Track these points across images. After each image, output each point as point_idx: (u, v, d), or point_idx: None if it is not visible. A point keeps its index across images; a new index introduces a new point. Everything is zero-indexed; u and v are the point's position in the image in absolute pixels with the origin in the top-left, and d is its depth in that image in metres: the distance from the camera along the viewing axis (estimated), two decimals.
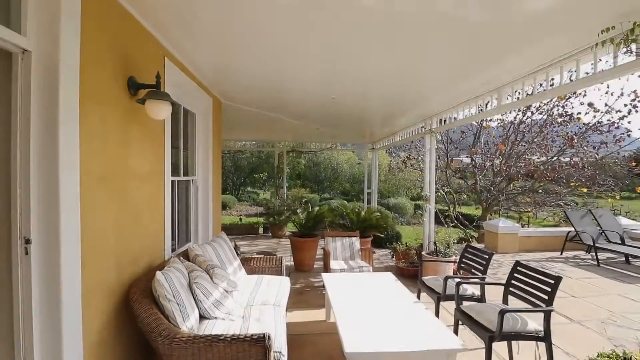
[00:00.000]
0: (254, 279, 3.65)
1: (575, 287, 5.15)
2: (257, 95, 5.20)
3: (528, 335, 2.58)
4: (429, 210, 5.71)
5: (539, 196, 9.58)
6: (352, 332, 2.42)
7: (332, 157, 24.46)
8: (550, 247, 7.71)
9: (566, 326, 3.82)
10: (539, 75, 3.32)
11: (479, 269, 3.48)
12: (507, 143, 8.96)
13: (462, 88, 4.21)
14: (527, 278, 2.88)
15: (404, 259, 5.73)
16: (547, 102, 8.77)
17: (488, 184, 10.10)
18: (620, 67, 2.48)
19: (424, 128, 5.98)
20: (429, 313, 2.77)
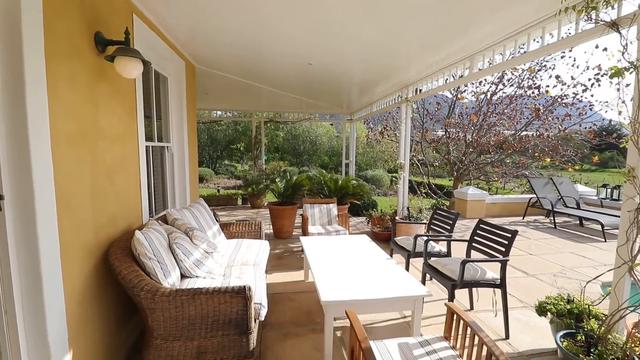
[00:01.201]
0: (234, 243, 3.74)
1: (533, 246, 5.63)
2: (232, 60, 5.05)
3: (486, 283, 2.86)
4: (403, 177, 5.92)
5: (507, 167, 10.10)
6: (328, 284, 2.60)
7: (310, 129, 24.29)
8: (513, 213, 8.28)
9: (522, 279, 4.23)
10: (508, 42, 3.43)
11: (446, 228, 3.74)
12: (480, 114, 9.25)
13: (436, 56, 4.28)
14: (487, 234, 3.14)
15: (379, 225, 6.00)
16: (519, 75, 9.05)
17: (460, 154, 10.49)
18: (581, 34, 2.62)
19: (400, 97, 6.07)
20: (400, 268, 2.99)
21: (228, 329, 2.24)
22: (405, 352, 1.83)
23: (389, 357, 1.78)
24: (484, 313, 3.26)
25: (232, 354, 2.26)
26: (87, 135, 2.18)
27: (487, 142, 9.48)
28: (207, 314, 2.19)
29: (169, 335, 2.18)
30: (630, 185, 2.12)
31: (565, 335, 2.29)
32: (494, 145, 9.59)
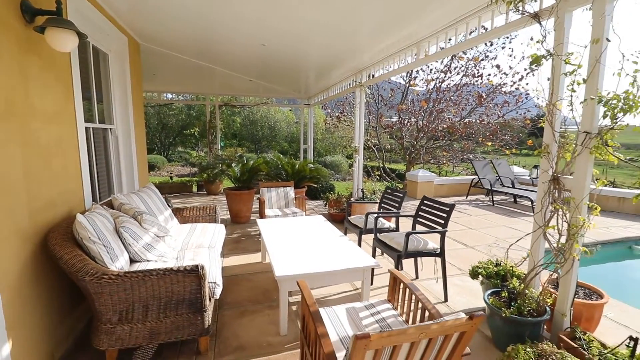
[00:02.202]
0: (188, 227, 3.68)
1: (473, 222, 6.20)
2: (181, 39, 4.81)
3: (428, 253, 3.14)
4: (358, 160, 6.14)
5: (454, 151, 10.84)
6: (283, 261, 2.69)
7: (269, 115, 23.89)
8: (459, 192, 8.97)
9: (462, 250, 4.67)
10: (450, 30, 3.67)
11: (395, 205, 4.00)
12: (430, 101, 9.75)
13: (387, 41, 4.43)
14: (430, 209, 3.42)
15: (336, 207, 6.20)
16: (465, 64, 9.64)
17: (412, 140, 11.04)
18: (510, 24, 2.89)
19: (355, 82, 6.21)
20: (351, 243, 3.16)
21: (182, 308, 2.25)
22: (352, 315, 1.99)
23: (337, 320, 1.93)
24: (427, 281, 3.58)
25: (187, 333, 2.28)
26: (15, 113, 2.00)
27: (436, 127, 10.07)
28: (159, 295, 2.18)
29: (118, 319, 2.14)
30: (545, 160, 2.43)
31: (492, 294, 2.61)
32: (442, 130, 10.22)
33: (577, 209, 2.19)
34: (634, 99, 1.92)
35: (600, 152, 2.08)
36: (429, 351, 1.38)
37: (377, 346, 1.23)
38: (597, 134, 2.10)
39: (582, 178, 2.19)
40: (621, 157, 2.03)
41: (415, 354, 1.36)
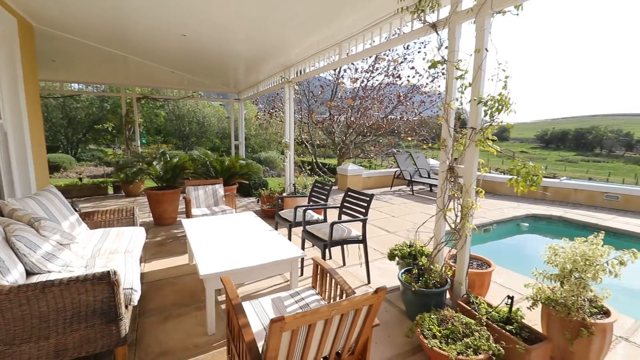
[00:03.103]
0: (100, 232, 3.35)
1: (395, 210, 6.78)
2: (86, 22, 4.29)
3: (352, 240, 3.37)
4: (289, 156, 6.23)
5: (380, 146, 11.64)
6: (209, 259, 2.64)
7: (197, 109, 22.57)
8: (384, 184, 9.68)
9: (384, 236, 5.09)
10: (367, 34, 3.95)
11: (322, 198, 4.18)
12: (357, 99, 10.29)
13: (312, 39, 4.57)
14: (353, 199, 3.67)
15: (268, 202, 6.20)
16: (386, 65, 10.37)
17: (342, 135, 11.54)
18: (415, 31, 3.23)
19: (283, 78, 6.25)
20: (281, 237, 3.23)
21: (93, 319, 2.07)
22: (278, 304, 2.06)
23: (262, 310, 1.98)
24: (353, 266, 3.83)
25: (100, 345, 2.11)
26: None
27: (364, 123, 10.69)
28: (64, 308, 1.98)
29: (14, 339, 1.88)
30: (443, 152, 2.80)
31: (405, 272, 2.93)
32: (369, 126, 10.89)
33: (467, 193, 2.59)
34: (505, 101, 2.33)
35: (483, 145, 2.48)
36: (342, 325, 1.53)
37: (293, 327, 1.32)
38: (480, 129, 2.49)
39: (470, 167, 2.59)
40: (497, 148, 2.45)
41: (330, 329, 1.49)
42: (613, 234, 5.67)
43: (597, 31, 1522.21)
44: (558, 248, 2.24)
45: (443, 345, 2.12)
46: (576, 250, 2.16)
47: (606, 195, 7.11)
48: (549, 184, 7.93)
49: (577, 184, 7.65)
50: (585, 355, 2.12)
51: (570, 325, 2.09)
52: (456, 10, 2.68)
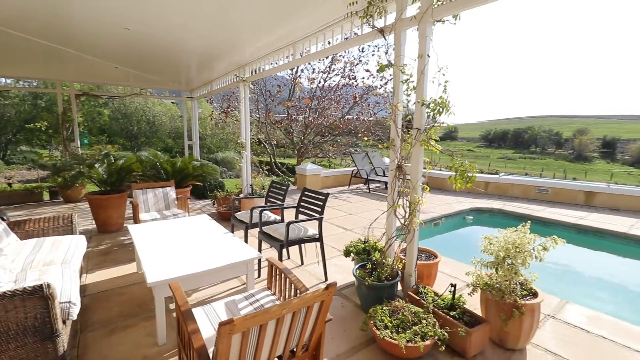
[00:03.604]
0: (32, 242, 3.04)
1: (353, 208, 6.96)
2: (11, 9, 3.84)
3: (309, 239, 3.41)
4: (246, 156, 6.12)
5: (338, 146, 11.86)
6: (158, 266, 2.51)
7: (146, 107, 21.25)
8: (343, 183, 9.88)
9: (342, 234, 5.20)
10: (320, 35, 4.01)
11: (279, 198, 4.18)
12: (314, 99, 10.38)
13: (267, 39, 4.53)
14: (309, 199, 3.71)
15: (225, 204, 6.04)
16: (342, 67, 10.59)
17: (301, 135, 11.58)
18: (365, 35, 3.35)
19: (238, 77, 6.13)
20: (236, 239, 3.17)
21: (25, 338, 1.89)
22: (231, 307, 2.03)
23: (215, 315, 1.94)
24: (311, 265, 3.88)
25: None
26: None
27: (322, 123, 10.82)
28: None
29: None
30: (392, 152, 2.94)
31: (359, 267, 3.04)
32: (327, 126, 11.04)
33: (414, 189, 2.74)
34: (445, 103, 2.51)
35: (427, 145, 2.65)
36: (295, 323, 1.55)
37: (243, 329, 1.32)
38: (424, 130, 2.66)
39: (416, 165, 2.75)
40: (439, 148, 2.63)
41: (282, 328, 1.50)
42: (543, 223, 6.33)
43: (531, 40, 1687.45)
44: (492, 238, 2.47)
45: (394, 335, 2.24)
46: (508, 239, 2.40)
47: (538, 188, 7.91)
48: (491, 179, 8.64)
49: (513, 179, 8.42)
50: (518, 333, 2.36)
51: (505, 308, 2.32)
52: (401, 17, 2.82)
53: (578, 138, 75.02)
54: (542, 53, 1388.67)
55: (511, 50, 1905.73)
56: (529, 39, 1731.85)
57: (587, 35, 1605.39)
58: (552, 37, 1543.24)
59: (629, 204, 6.80)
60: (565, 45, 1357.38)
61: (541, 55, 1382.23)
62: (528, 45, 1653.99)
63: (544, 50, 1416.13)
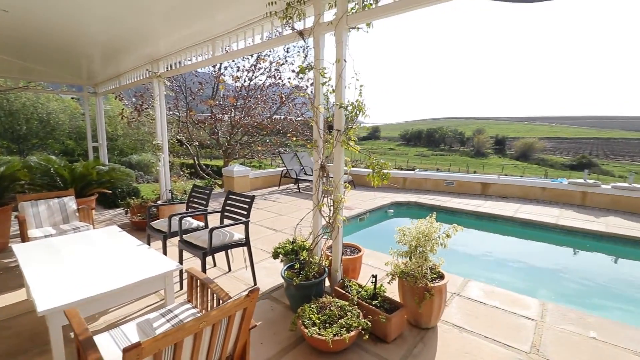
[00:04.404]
0: None
1: (283, 209, 6.95)
2: None
3: (235, 244, 3.29)
4: (163, 159, 5.63)
5: (267, 146, 11.69)
6: (51, 291, 2.15)
7: (38, 103, 18.05)
8: (273, 183, 9.80)
9: (272, 235, 5.16)
10: (240, 33, 3.89)
11: (202, 203, 3.95)
12: (239, 98, 10.06)
13: (183, 32, 4.22)
14: (235, 202, 3.59)
15: (140, 213, 5.48)
16: (268, 66, 10.47)
17: (227, 135, 11.12)
18: (286, 36, 3.35)
19: (151, 72, 5.60)
20: (152, 251, 2.89)
21: None
22: (145, 328, 1.85)
23: (125, 339, 1.74)
24: (239, 271, 3.75)
25: None
26: None
27: (249, 123, 10.54)
28: None
29: None
30: (315, 153, 3.01)
31: (288, 268, 3.04)
32: (254, 126, 10.80)
33: (337, 188, 2.85)
34: (361, 106, 2.66)
35: (347, 145, 2.78)
36: (215, 336, 1.48)
37: (153, 351, 1.20)
38: (344, 131, 2.78)
39: (338, 164, 2.86)
40: (358, 148, 2.78)
41: (201, 343, 1.42)
42: (451, 212, 7.19)
43: (438, 48, 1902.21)
44: (406, 229, 2.71)
45: (322, 331, 2.30)
46: (418, 229, 2.66)
47: (446, 182, 8.95)
48: (408, 175, 9.47)
49: (426, 175, 9.38)
50: (430, 313, 2.63)
51: (418, 291, 2.56)
52: (319, 21, 2.90)
53: (477, 137, 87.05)
54: (448, 61, 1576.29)
55: (424, 57, 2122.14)
56: (437, 48, 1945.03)
57: (485, 45, 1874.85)
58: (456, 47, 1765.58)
59: (514, 192, 8.13)
60: (465, 54, 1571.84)
61: (447, 63, 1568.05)
62: (437, 53, 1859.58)
63: (449, 58, 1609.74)
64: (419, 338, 2.57)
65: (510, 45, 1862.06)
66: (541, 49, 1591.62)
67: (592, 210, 6.84)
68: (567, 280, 4.67)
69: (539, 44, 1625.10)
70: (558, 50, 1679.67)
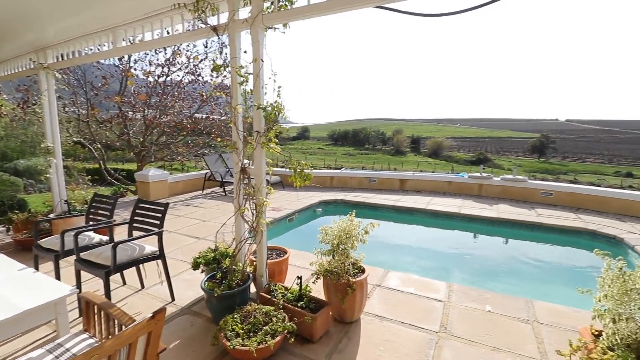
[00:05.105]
0: None
1: (207, 214, 6.55)
2: None
3: (147, 258, 2.97)
4: (56, 165, 4.81)
5: (190, 147, 10.89)
6: None
7: None
8: (196, 188, 9.17)
9: (194, 244, 4.82)
10: (146, 24, 3.53)
11: (105, 214, 3.47)
12: (153, 95, 9.17)
13: (76, 18, 3.65)
14: (145, 211, 3.24)
15: (27, 230, 4.59)
16: (186, 62, 9.76)
17: (140, 135, 10.05)
18: (197, 31, 3.14)
19: (36, 62, 4.73)
20: (40, 275, 2.42)
21: None
22: None
23: None
24: (154, 287, 3.40)
25: None
26: None
27: (168, 123, 9.69)
28: None
29: None
30: (235, 155, 2.88)
31: (209, 278, 2.86)
32: (173, 126, 9.96)
33: (258, 191, 2.77)
34: (279, 108, 2.63)
35: (267, 147, 2.72)
36: None
37: None
38: (264, 132, 2.72)
39: (259, 167, 2.79)
40: (279, 149, 2.75)
41: None
42: (374, 207, 7.65)
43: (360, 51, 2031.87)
44: (328, 228, 2.77)
45: (245, 341, 2.20)
46: (340, 227, 2.74)
47: (369, 179, 9.50)
48: (334, 174, 9.80)
49: (351, 173, 9.83)
50: (353, 307, 2.73)
51: (341, 288, 2.64)
52: (234, 18, 2.78)
53: (396, 137, 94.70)
54: (369, 64, 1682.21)
55: (350, 60, 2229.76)
56: (361, 52, 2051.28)
57: (402, 51, 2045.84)
58: (377, 52, 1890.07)
59: (426, 187, 9.02)
60: (385, 59, 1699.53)
61: (369, 66, 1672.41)
62: (361, 56, 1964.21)
63: (371, 62, 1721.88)
64: (344, 333, 2.66)
65: (421, 52, 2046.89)
66: (447, 57, 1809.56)
67: (487, 200, 7.97)
68: (469, 262, 5.36)
69: (446, 54, 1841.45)
70: (459, 60, 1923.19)
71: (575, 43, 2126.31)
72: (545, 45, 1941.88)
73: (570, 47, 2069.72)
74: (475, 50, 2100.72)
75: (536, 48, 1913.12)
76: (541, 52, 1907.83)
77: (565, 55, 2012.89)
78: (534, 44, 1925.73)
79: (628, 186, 39.83)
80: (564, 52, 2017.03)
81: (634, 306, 1.77)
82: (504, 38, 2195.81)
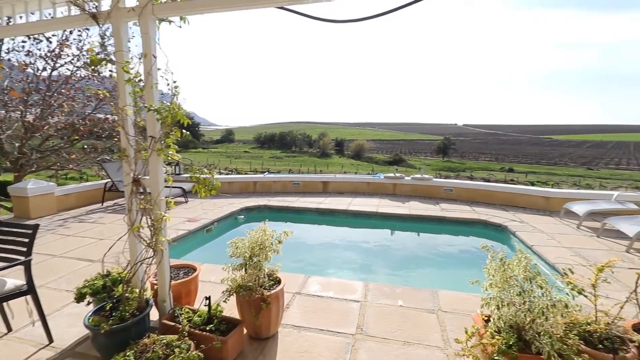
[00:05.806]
0: None
1: (105, 231, 5.67)
2: None
3: (10, 295, 2.38)
4: None
5: (87, 152, 9.37)
6: None
7: None
8: (93, 200, 7.92)
9: (86, 268, 4.10)
10: (5, 7, 2.86)
11: None
12: (33, 92, 7.68)
13: None
14: (6, 236, 2.60)
15: None
16: (78, 54, 8.41)
17: (17, 140, 8.30)
18: (71, 17, 2.64)
19: None
20: None
21: None
22: None
23: None
24: (24, 329, 2.75)
25: None
26: None
27: (51, 125, 8.18)
28: None
29: None
30: (126, 164, 2.49)
31: (96, 311, 2.40)
32: (61, 129, 8.46)
33: (156, 204, 2.44)
34: (178, 111, 2.35)
35: (165, 154, 2.41)
36: None
37: None
38: (159, 138, 2.40)
39: (155, 177, 2.46)
40: (178, 156, 2.46)
41: None
42: (298, 211, 7.61)
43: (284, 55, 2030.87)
44: (238, 241, 2.58)
45: None
46: (252, 239, 2.57)
47: (293, 183, 9.46)
48: (258, 179, 9.52)
49: (275, 177, 9.68)
50: (269, 321, 2.59)
51: (254, 303, 2.47)
52: (117, 5, 2.40)
53: (321, 140, 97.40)
54: (293, 67, 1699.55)
55: (273, 62, 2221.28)
56: (283, 55, 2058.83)
57: (324, 56, 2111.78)
58: (299, 54, 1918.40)
59: (348, 188, 9.36)
60: (308, 62, 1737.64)
61: (293, 69, 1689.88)
62: (283, 59, 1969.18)
63: (294, 64, 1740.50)
64: (259, 351, 2.50)
65: (343, 58, 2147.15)
66: (366, 64, 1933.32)
67: (400, 198, 8.62)
68: (385, 258, 5.67)
69: (365, 60, 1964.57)
70: (377, 66, 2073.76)
71: (468, 56, 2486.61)
72: (447, 56, 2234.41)
73: (465, 59, 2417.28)
74: (389, 56, 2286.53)
75: (440, 58, 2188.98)
76: (444, 62, 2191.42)
77: (462, 65, 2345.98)
78: (438, 55, 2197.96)
79: (510, 180, 47.72)
80: (461, 63, 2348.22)
81: (513, 292, 2.00)
82: (411, 48, 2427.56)
